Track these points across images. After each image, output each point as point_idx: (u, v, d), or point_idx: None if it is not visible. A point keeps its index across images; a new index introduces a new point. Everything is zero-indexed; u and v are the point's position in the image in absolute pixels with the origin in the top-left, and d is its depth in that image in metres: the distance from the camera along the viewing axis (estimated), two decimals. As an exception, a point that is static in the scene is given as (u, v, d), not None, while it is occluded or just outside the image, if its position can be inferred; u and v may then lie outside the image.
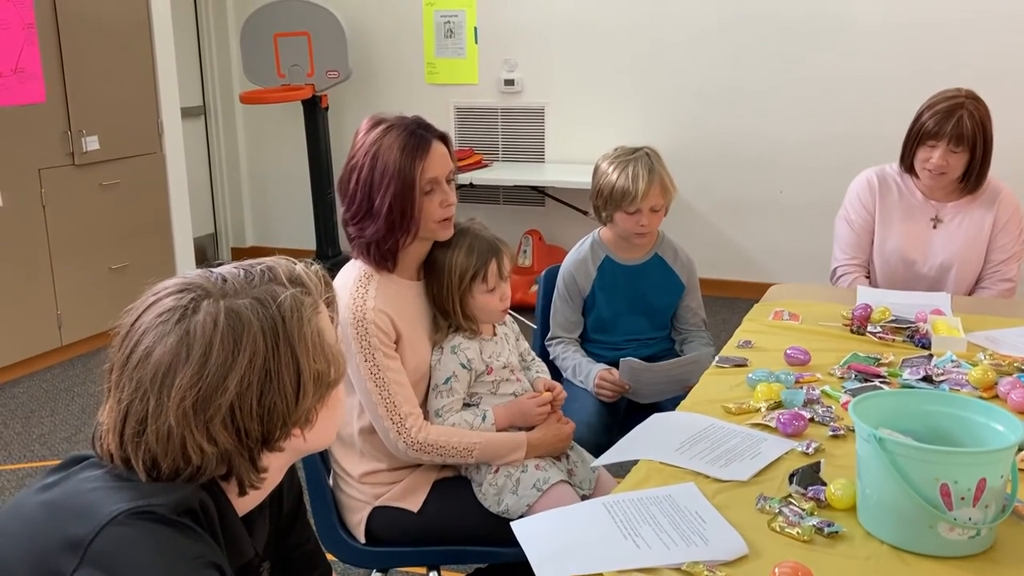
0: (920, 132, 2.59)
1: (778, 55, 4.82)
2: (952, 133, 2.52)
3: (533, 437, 1.91)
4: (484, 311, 1.94)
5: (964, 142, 2.53)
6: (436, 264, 1.92)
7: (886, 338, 2.23)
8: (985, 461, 1.27)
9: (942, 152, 2.56)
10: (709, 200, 5.11)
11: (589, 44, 5.20)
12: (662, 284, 2.53)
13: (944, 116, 2.53)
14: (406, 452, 1.84)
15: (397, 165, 1.79)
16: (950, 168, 2.59)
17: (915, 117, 2.63)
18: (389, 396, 1.82)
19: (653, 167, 2.40)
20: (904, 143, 2.67)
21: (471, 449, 1.86)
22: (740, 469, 1.57)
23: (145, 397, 1.00)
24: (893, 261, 2.73)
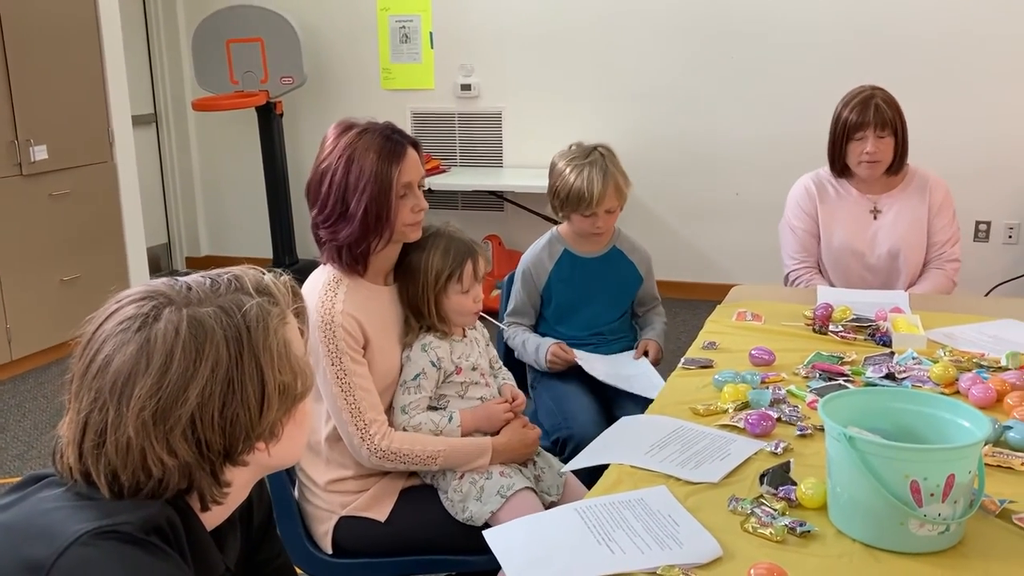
0: (846, 128, 2.71)
1: (733, 58, 4.87)
2: (875, 120, 2.66)
3: (498, 442, 1.90)
4: (458, 312, 1.94)
5: (888, 125, 2.67)
6: (411, 264, 1.92)
7: (848, 337, 2.25)
8: (954, 457, 1.28)
9: (872, 140, 2.67)
10: (667, 203, 5.15)
11: (546, 48, 5.20)
12: (621, 275, 2.60)
13: (862, 107, 2.68)
14: (369, 459, 1.82)
15: (374, 169, 1.79)
16: (882, 154, 2.70)
17: (835, 119, 2.76)
18: (354, 402, 1.80)
19: (608, 170, 2.43)
20: (831, 146, 2.79)
21: (435, 456, 1.84)
22: (711, 471, 1.57)
23: (104, 407, 0.97)
24: (843, 256, 2.81)
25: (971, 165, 4.46)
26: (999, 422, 1.66)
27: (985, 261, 4.59)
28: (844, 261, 2.81)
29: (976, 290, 4.50)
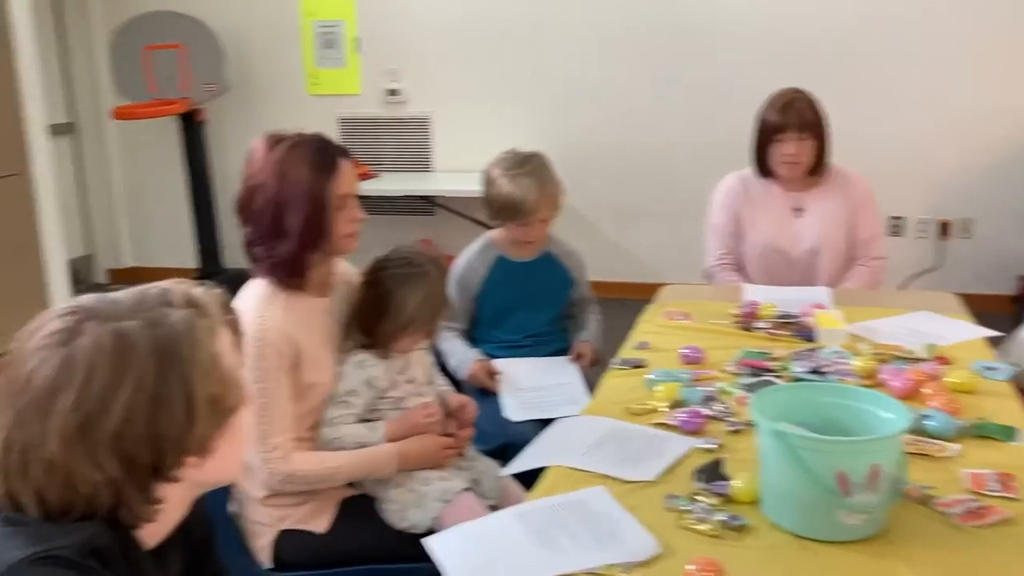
0: (767, 130, 2.78)
1: (663, 62, 4.94)
2: (796, 122, 2.72)
3: (406, 448, 1.86)
4: (411, 347, 1.96)
5: (808, 128, 2.74)
6: (387, 295, 1.89)
7: (774, 333, 2.32)
8: (878, 448, 1.34)
9: (793, 142, 2.74)
10: (599, 205, 5.20)
11: (474, 53, 5.21)
12: (554, 279, 2.62)
13: (784, 109, 2.75)
14: (270, 483, 1.79)
15: (309, 182, 1.77)
16: (802, 156, 2.77)
17: (757, 119, 2.83)
18: (264, 424, 1.77)
19: (543, 180, 2.44)
20: (754, 148, 2.85)
21: (336, 472, 1.82)
22: (647, 469, 1.60)
23: (27, 424, 0.95)
24: (766, 254, 2.88)
25: (886, 163, 4.61)
26: (917, 411, 1.73)
27: (900, 255, 4.75)
28: (767, 258, 2.88)
29: (892, 283, 4.66)
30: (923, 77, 4.61)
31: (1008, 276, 4.58)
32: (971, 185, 4.64)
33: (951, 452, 1.63)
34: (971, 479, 1.52)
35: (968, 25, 4.50)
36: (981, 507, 1.42)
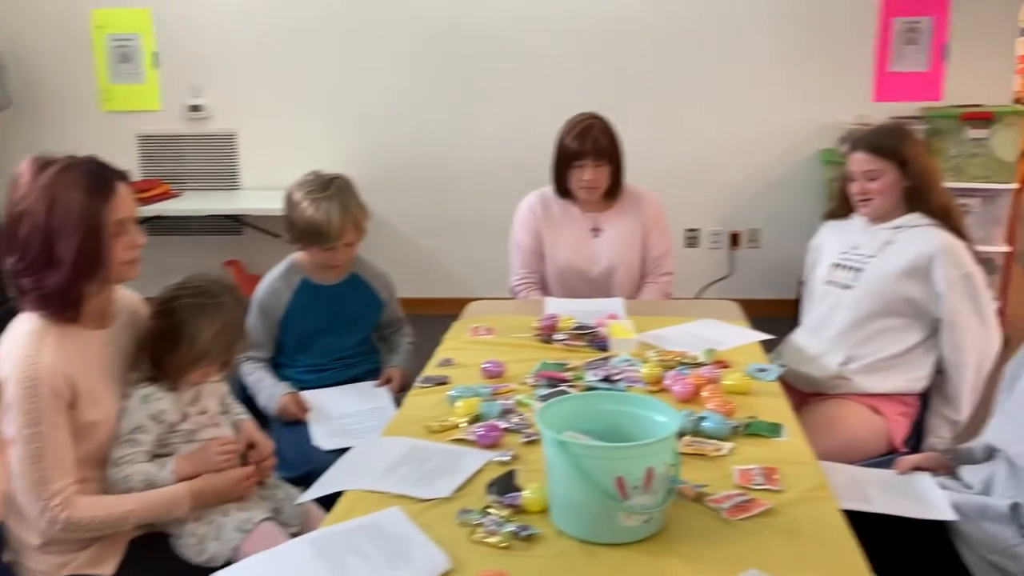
0: (566, 155, 2.88)
1: (471, 78, 5.03)
2: (593, 149, 2.83)
3: (200, 486, 1.80)
4: (203, 378, 1.89)
5: (604, 154, 2.85)
6: (180, 325, 1.81)
7: (571, 344, 2.41)
8: (651, 452, 1.42)
9: (590, 168, 2.85)
10: (410, 220, 5.22)
11: (280, 67, 5.11)
12: (362, 301, 2.61)
13: (582, 136, 2.85)
14: (50, 533, 1.70)
15: (82, 208, 1.67)
16: (599, 181, 2.88)
17: (557, 144, 2.92)
18: (41, 470, 1.66)
19: (347, 204, 2.42)
20: (555, 170, 2.95)
21: (126, 517, 1.74)
22: (442, 486, 1.62)
23: None
24: (566, 273, 2.98)
25: (680, 178, 4.91)
26: (695, 413, 1.85)
27: (695, 265, 5.06)
28: (567, 277, 2.98)
29: (688, 291, 4.95)
30: (711, 99, 4.93)
31: (792, 281, 4.97)
32: (757, 198, 5.00)
33: (725, 451, 1.75)
34: (739, 475, 1.64)
35: (751, 52, 4.85)
36: (747, 501, 1.53)
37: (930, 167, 2.36)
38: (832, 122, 4.77)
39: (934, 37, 4.75)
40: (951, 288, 2.26)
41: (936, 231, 2.31)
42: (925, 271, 2.28)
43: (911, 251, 2.31)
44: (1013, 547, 1.63)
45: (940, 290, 2.27)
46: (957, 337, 2.29)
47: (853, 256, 2.44)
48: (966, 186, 4.30)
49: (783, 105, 4.89)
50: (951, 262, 2.26)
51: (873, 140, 2.37)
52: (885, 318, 2.34)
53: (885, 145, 2.34)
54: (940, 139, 4.36)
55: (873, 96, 4.82)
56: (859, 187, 2.39)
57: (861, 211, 2.44)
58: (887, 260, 2.35)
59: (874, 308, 2.34)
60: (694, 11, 4.85)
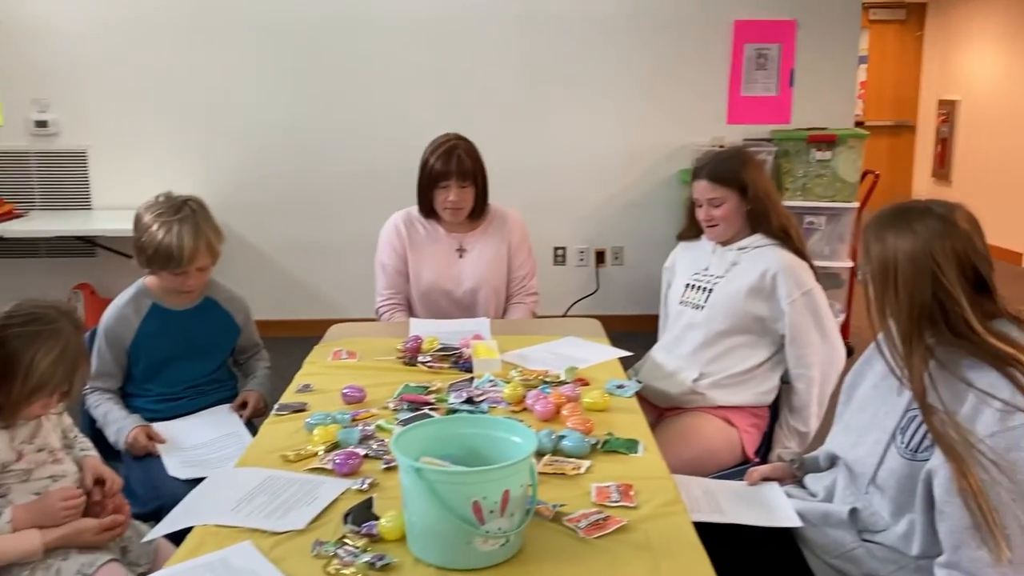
0: (431, 176, 2.88)
1: (331, 95, 4.97)
2: (457, 170, 2.84)
3: (51, 539, 1.72)
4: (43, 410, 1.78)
5: (468, 176, 2.87)
6: (13, 355, 1.70)
7: (435, 366, 2.39)
8: (506, 475, 1.41)
9: (455, 190, 2.86)
10: (271, 240, 5.10)
11: (133, 82, 4.91)
12: (217, 326, 2.53)
13: (445, 157, 2.85)
14: None
15: None
16: (464, 202, 2.90)
17: (422, 165, 2.92)
18: None
19: (199, 228, 2.34)
20: (419, 191, 2.95)
21: None
22: (297, 518, 1.57)
23: None
24: (431, 293, 2.97)
25: (546, 197, 5.00)
26: (555, 433, 1.86)
27: (563, 282, 5.15)
28: (433, 297, 2.97)
29: (557, 308, 5.03)
30: (575, 122, 5.05)
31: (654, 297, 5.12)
32: (620, 217, 5.14)
33: (583, 469, 1.77)
34: (597, 492, 1.66)
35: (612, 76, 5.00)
36: (603, 518, 1.55)
37: (768, 190, 2.46)
38: (690, 143, 4.96)
39: (782, 63, 5.01)
40: (792, 305, 2.37)
41: (777, 250, 2.42)
42: (769, 290, 2.39)
43: (755, 271, 2.41)
44: (852, 550, 1.71)
45: (783, 307, 2.38)
46: (800, 352, 2.40)
47: (704, 277, 2.53)
48: (813, 205, 4.55)
49: (643, 127, 5.06)
50: (792, 280, 2.37)
51: (714, 169, 2.46)
52: (734, 336, 2.43)
53: (725, 173, 2.44)
54: (788, 160, 4.59)
55: (727, 119, 5.04)
56: (705, 213, 2.49)
57: (708, 236, 2.54)
58: (734, 281, 2.45)
59: (724, 327, 2.43)
60: (556, 35, 4.96)
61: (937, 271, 1.57)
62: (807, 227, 4.57)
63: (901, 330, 1.61)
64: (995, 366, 1.53)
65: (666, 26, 4.96)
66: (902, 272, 1.59)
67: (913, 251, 1.59)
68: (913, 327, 1.58)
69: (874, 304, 1.66)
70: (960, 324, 1.56)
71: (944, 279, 1.56)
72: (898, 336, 1.61)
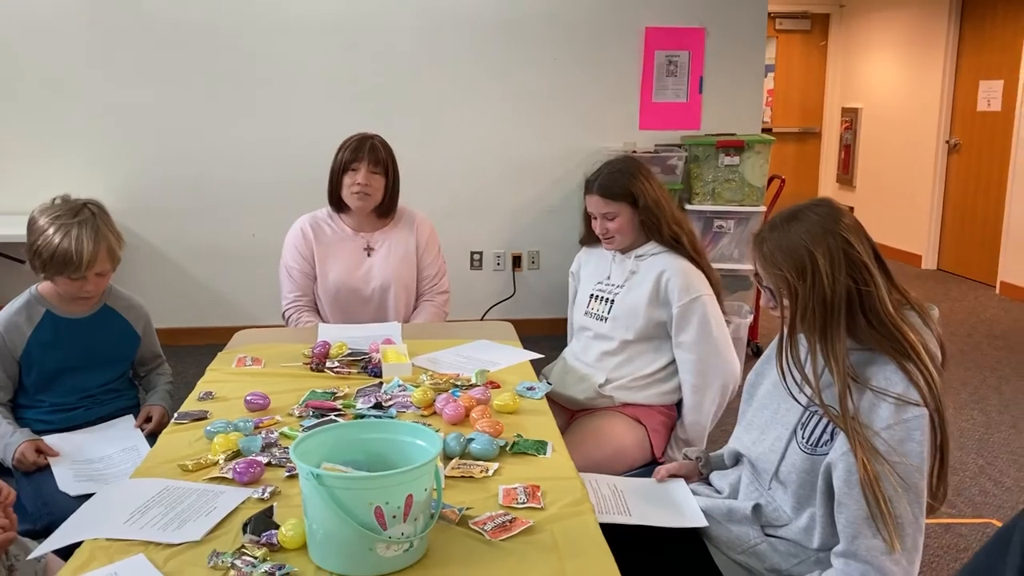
0: (342, 163, 2.88)
1: (235, 97, 4.86)
2: (369, 157, 2.85)
3: None
4: None
5: (380, 163, 2.87)
6: None
7: (343, 372, 2.35)
8: (409, 479, 1.39)
9: (364, 172, 2.85)
10: (181, 247, 4.96)
11: (26, 80, 4.71)
12: (116, 335, 2.45)
13: (358, 145, 2.87)
14: None
15: None
16: (374, 189, 2.88)
17: (334, 159, 2.91)
18: None
19: (100, 231, 2.26)
20: (330, 181, 2.94)
21: None
22: (193, 529, 1.52)
23: None
24: (340, 293, 2.93)
25: (463, 203, 4.99)
26: (464, 436, 1.85)
27: (481, 286, 5.14)
28: (341, 297, 2.93)
29: (475, 312, 5.01)
30: (491, 128, 5.04)
31: (570, 301, 5.16)
32: (536, 221, 5.16)
33: (491, 471, 1.75)
34: (504, 494, 1.64)
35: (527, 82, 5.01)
36: (509, 520, 1.54)
37: (658, 199, 2.46)
38: (603, 148, 5.01)
39: (692, 70, 5.10)
40: (679, 310, 2.40)
41: (670, 257, 2.45)
42: (664, 295, 2.42)
43: (650, 279, 2.44)
44: (755, 545, 1.74)
45: (673, 312, 2.41)
46: (683, 357, 2.43)
47: (605, 287, 2.55)
48: (722, 209, 4.64)
49: (558, 132, 5.09)
50: (680, 285, 2.40)
51: (604, 184, 2.46)
52: (639, 343, 2.46)
53: (615, 187, 2.45)
54: (698, 165, 4.68)
55: (639, 124, 5.11)
56: (600, 226, 2.51)
57: (606, 246, 2.56)
58: (633, 290, 2.47)
59: (627, 336, 2.46)
60: (470, 40, 4.95)
61: (850, 250, 1.61)
62: (716, 231, 4.67)
63: (819, 324, 1.62)
64: (894, 359, 1.57)
65: (579, 32, 5.01)
66: (820, 260, 1.60)
67: (821, 236, 1.62)
68: (832, 319, 1.60)
69: (789, 307, 1.67)
70: (877, 307, 1.59)
71: (859, 255, 1.60)
72: (816, 332, 1.62)
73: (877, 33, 7.98)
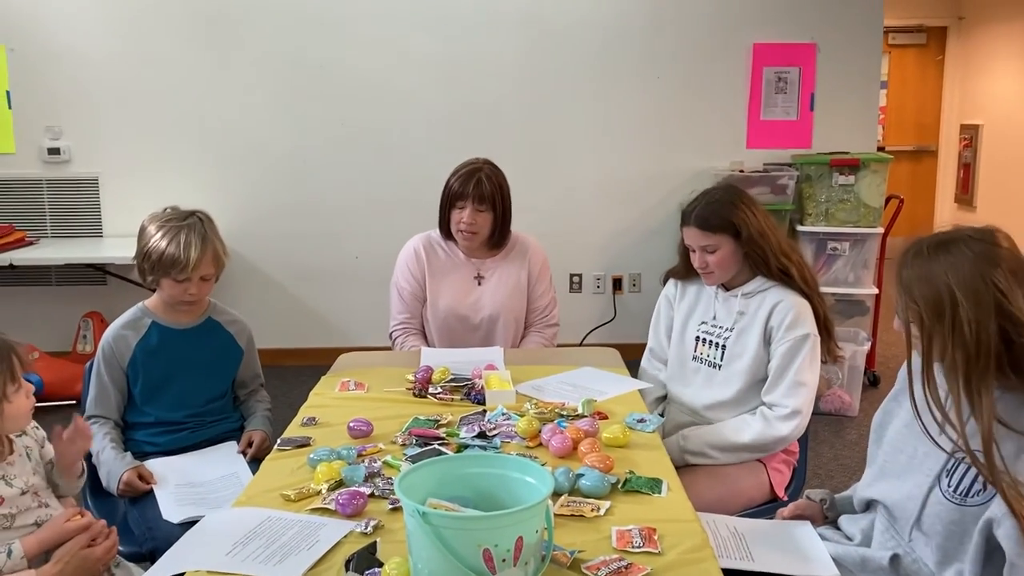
0: (449, 196, 2.80)
1: (345, 122, 4.91)
2: (475, 193, 2.76)
3: (47, 573, 1.64)
4: (19, 416, 1.70)
5: (486, 200, 2.78)
6: None
7: (445, 398, 2.29)
8: (520, 520, 1.30)
9: (470, 211, 2.77)
10: (284, 268, 5.03)
11: (144, 109, 4.87)
12: (219, 347, 2.45)
13: (466, 179, 2.78)
14: None
15: None
16: (479, 227, 2.80)
17: (445, 185, 2.83)
18: None
19: (207, 235, 2.29)
20: (440, 209, 2.86)
21: None
22: (295, 564, 1.47)
23: None
24: (447, 319, 2.88)
25: (562, 224, 4.90)
26: (572, 471, 1.75)
27: (579, 310, 5.04)
28: (449, 324, 2.88)
29: (574, 336, 4.92)
30: (592, 148, 4.97)
31: (674, 325, 5.02)
32: (637, 243, 5.03)
33: (602, 511, 1.65)
34: (617, 537, 1.54)
35: (629, 101, 4.92)
36: (624, 566, 1.44)
37: (763, 230, 2.28)
38: (709, 168, 4.86)
39: (802, 87, 4.91)
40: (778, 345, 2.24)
41: (779, 292, 2.28)
42: (770, 332, 2.26)
43: (760, 320, 2.28)
44: (893, 600, 1.59)
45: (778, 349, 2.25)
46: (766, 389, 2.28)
47: (713, 329, 2.38)
48: (836, 230, 4.43)
49: (661, 152, 4.97)
50: (791, 323, 2.23)
51: (702, 215, 2.29)
52: (755, 386, 2.30)
53: (715, 219, 2.27)
54: (810, 185, 4.48)
55: (747, 143, 4.95)
56: (699, 260, 2.34)
57: (706, 281, 2.40)
58: (743, 334, 2.31)
59: (746, 383, 2.30)
60: (573, 60, 4.89)
61: (1000, 298, 1.44)
62: (830, 253, 4.45)
63: (963, 373, 1.46)
64: None
65: (684, 49, 4.88)
66: (962, 306, 1.44)
67: (969, 280, 1.45)
68: (976, 368, 1.44)
69: (924, 350, 1.51)
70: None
71: (1010, 306, 1.43)
72: (961, 380, 1.46)
73: (1000, 45, 7.57)
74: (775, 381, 2.25)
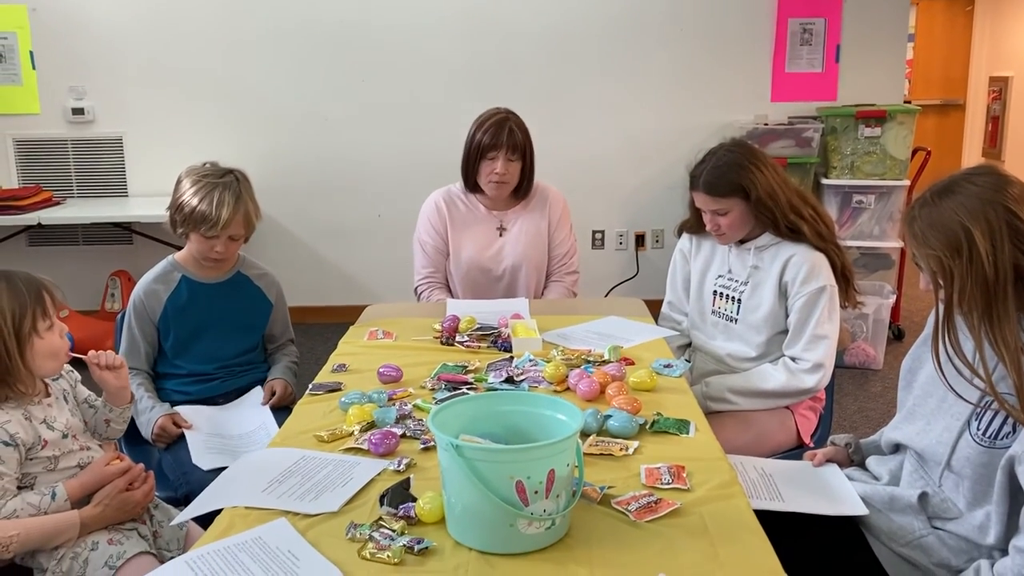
0: (479, 148, 2.77)
1: (366, 80, 4.90)
2: (508, 143, 2.74)
3: (89, 514, 1.68)
4: (51, 354, 1.72)
5: (518, 149, 2.77)
6: None
7: (472, 346, 2.31)
8: (551, 453, 1.32)
9: (503, 161, 2.75)
10: (307, 226, 5.05)
11: (167, 69, 4.88)
12: (249, 301, 2.47)
13: (496, 129, 2.75)
14: None
15: None
16: (511, 176, 2.79)
17: (469, 138, 2.82)
18: None
19: (240, 195, 2.30)
20: (465, 163, 2.85)
21: (6, 544, 1.58)
22: (330, 500, 1.50)
23: None
24: (471, 271, 2.88)
25: (584, 181, 4.88)
26: (600, 412, 1.77)
27: (602, 266, 5.04)
28: (472, 276, 2.89)
29: (597, 293, 4.92)
30: (612, 104, 4.92)
31: (697, 281, 5.01)
32: (660, 199, 5.00)
33: (631, 450, 1.67)
34: (647, 474, 1.56)
35: (650, 55, 4.86)
36: (654, 501, 1.46)
37: (772, 190, 2.23)
38: (732, 122, 4.81)
39: (828, 39, 4.84)
40: (794, 300, 2.24)
41: (791, 246, 2.26)
42: (786, 286, 2.26)
43: (774, 273, 2.27)
44: (921, 538, 1.59)
45: (796, 303, 2.24)
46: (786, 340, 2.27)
47: (729, 283, 2.38)
48: (861, 183, 4.39)
49: (683, 107, 4.92)
50: (805, 276, 2.22)
51: (710, 180, 2.25)
52: (775, 338, 2.30)
53: (723, 183, 2.24)
54: (836, 138, 4.44)
55: (771, 96, 4.89)
56: (710, 221, 2.31)
57: (719, 242, 2.38)
58: (758, 288, 2.30)
59: (764, 336, 2.30)
60: (591, 15, 4.83)
61: (1016, 222, 1.44)
62: (855, 206, 4.41)
63: (981, 306, 1.46)
64: None
65: (707, 2, 4.81)
66: (977, 237, 1.45)
67: (980, 211, 1.45)
68: (997, 297, 1.44)
69: (947, 296, 1.51)
70: None
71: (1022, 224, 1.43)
72: (981, 316, 1.46)
73: (1030, -5, 7.40)
74: (795, 336, 2.25)
